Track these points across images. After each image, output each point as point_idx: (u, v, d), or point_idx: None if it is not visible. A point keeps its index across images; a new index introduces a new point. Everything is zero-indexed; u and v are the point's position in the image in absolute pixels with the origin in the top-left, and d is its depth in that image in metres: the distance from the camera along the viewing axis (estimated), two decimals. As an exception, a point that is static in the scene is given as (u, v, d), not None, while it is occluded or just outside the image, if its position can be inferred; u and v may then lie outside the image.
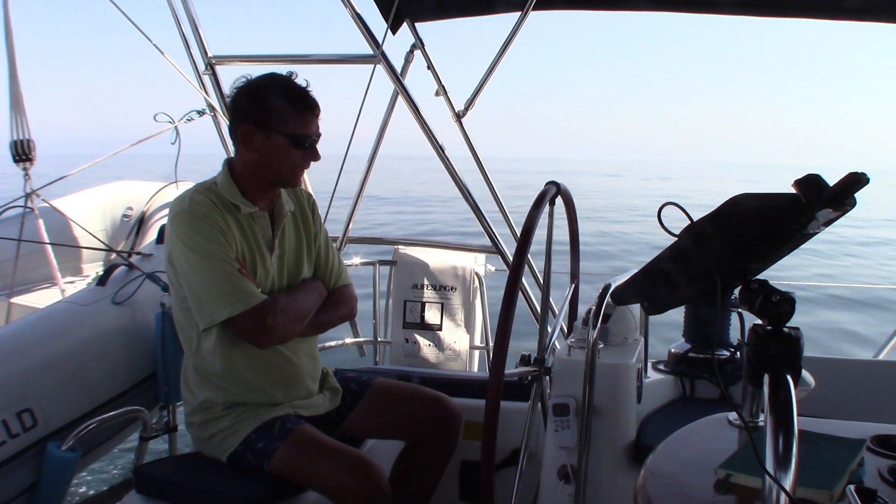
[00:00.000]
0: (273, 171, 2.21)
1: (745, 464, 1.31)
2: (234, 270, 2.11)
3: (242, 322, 2.10)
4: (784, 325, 1.22)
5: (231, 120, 2.24)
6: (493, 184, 3.79)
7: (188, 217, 2.13)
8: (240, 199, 2.21)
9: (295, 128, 2.17)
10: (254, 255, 2.22)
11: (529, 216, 1.90)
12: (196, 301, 2.13)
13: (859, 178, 1.11)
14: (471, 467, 2.88)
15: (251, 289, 2.12)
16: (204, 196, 2.17)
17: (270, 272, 2.26)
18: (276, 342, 2.20)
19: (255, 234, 2.24)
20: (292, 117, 2.16)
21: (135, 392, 2.54)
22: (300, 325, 2.26)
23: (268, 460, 2.13)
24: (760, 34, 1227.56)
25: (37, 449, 2.18)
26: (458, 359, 3.67)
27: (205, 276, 2.10)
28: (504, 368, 1.74)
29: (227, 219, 2.17)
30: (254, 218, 2.25)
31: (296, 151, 2.19)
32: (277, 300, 2.19)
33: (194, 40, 3.75)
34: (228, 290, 2.09)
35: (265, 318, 2.12)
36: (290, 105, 2.16)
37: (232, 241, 2.15)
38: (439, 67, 3.72)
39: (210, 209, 2.14)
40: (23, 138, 4.12)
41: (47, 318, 2.55)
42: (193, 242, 2.11)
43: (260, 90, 2.19)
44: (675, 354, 2.63)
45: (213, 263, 2.10)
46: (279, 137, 2.16)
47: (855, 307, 9.65)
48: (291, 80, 2.21)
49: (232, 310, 2.08)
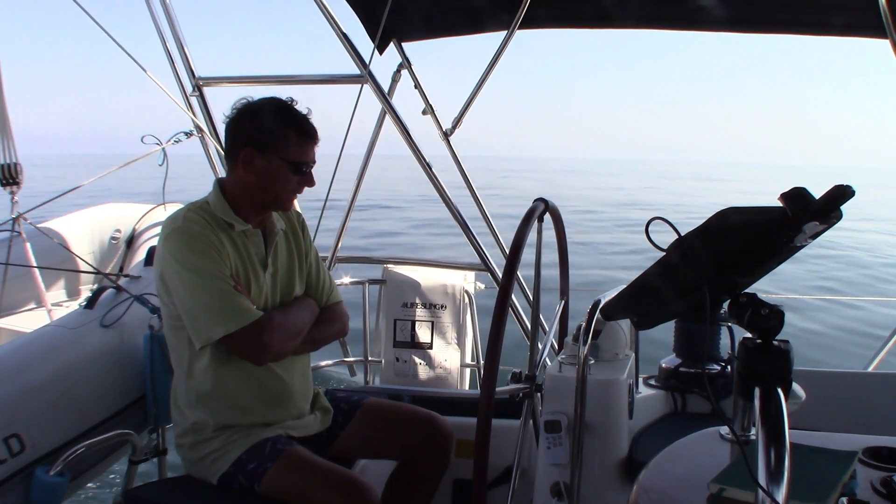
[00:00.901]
0: (269, 194, 2.23)
1: (738, 478, 1.31)
2: (229, 288, 2.10)
3: (239, 339, 2.10)
4: (773, 338, 1.22)
5: (231, 142, 2.24)
6: (482, 201, 3.80)
7: (182, 235, 2.13)
8: (233, 217, 2.21)
9: (296, 154, 2.19)
10: (248, 273, 2.22)
11: (518, 233, 1.91)
12: (191, 319, 2.12)
13: (845, 191, 1.12)
14: (463, 486, 2.87)
15: (247, 305, 2.12)
16: (197, 214, 2.17)
17: (264, 289, 2.26)
18: (272, 359, 2.20)
19: (248, 251, 2.24)
20: (294, 144, 2.19)
21: (123, 415, 2.52)
22: (295, 342, 2.26)
23: (259, 482, 2.11)
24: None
25: (25, 474, 2.15)
26: (449, 377, 3.66)
27: (200, 294, 2.10)
28: (495, 386, 1.74)
29: (221, 236, 2.17)
30: (247, 235, 2.25)
31: (293, 177, 2.21)
32: (273, 317, 2.19)
33: (181, 61, 3.76)
34: (224, 308, 2.08)
35: (261, 335, 2.11)
36: (293, 131, 2.19)
37: (226, 259, 2.15)
38: (426, 86, 3.74)
39: (204, 227, 2.14)
40: (10, 162, 4.11)
41: (35, 342, 2.53)
42: (188, 260, 2.10)
43: (264, 114, 2.21)
44: (665, 369, 2.63)
45: (208, 281, 2.09)
46: (279, 162, 2.18)
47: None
48: (293, 107, 2.24)
49: (228, 327, 2.07)
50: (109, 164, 4.30)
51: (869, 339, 7.59)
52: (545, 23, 3.58)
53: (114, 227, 4.86)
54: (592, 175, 69.09)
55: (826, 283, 12.80)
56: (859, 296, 11.63)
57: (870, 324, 8.68)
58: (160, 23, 3.72)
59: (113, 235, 4.84)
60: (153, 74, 3.76)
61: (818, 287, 11.85)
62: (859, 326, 9.01)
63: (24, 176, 4.13)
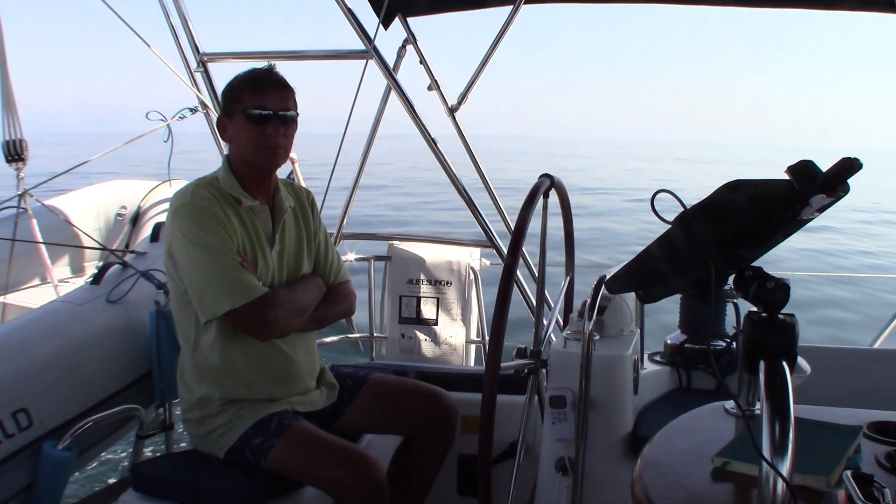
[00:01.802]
0: (246, 155, 2.22)
1: (742, 451, 1.31)
2: (235, 263, 2.11)
3: (243, 315, 2.10)
4: (779, 311, 1.22)
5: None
6: (487, 178, 3.79)
7: (190, 210, 2.14)
8: (241, 192, 2.22)
9: (251, 103, 2.16)
10: (254, 249, 2.22)
11: (523, 209, 1.90)
12: (197, 294, 2.13)
13: (852, 163, 1.11)
14: (468, 461, 2.88)
15: (253, 282, 2.13)
16: (205, 190, 2.18)
17: (271, 266, 2.26)
18: (276, 336, 2.21)
19: (255, 228, 2.24)
20: (248, 94, 2.17)
21: (130, 391, 2.54)
22: (300, 320, 2.26)
23: (265, 457, 2.13)
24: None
25: (33, 449, 2.17)
26: (454, 353, 3.67)
27: (206, 270, 2.11)
28: (500, 362, 1.74)
29: (229, 212, 2.17)
30: (255, 212, 2.25)
31: (253, 127, 2.17)
32: (278, 294, 2.20)
33: (186, 38, 3.74)
34: (230, 283, 2.09)
35: (266, 311, 2.12)
36: (247, 85, 2.19)
37: (233, 235, 2.16)
38: (431, 62, 3.72)
39: (211, 203, 2.15)
40: (15, 138, 4.10)
41: (42, 318, 2.54)
42: (195, 235, 2.11)
43: (229, 83, 2.24)
44: (671, 346, 2.63)
45: (214, 256, 2.10)
46: (239, 118, 2.18)
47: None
48: (257, 67, 2.24)
49: (233, 302, 2.08)
50: (116, 142, 4.29)
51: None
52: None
53: (119, 204, 4.86)
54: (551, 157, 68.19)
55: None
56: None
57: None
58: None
59: (119, 212, 4.85)
60: (158, 51, 3.75)
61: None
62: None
63: (29, 152, 4.13)
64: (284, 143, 2.23)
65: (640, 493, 1.30)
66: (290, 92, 2.23)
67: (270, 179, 2.31)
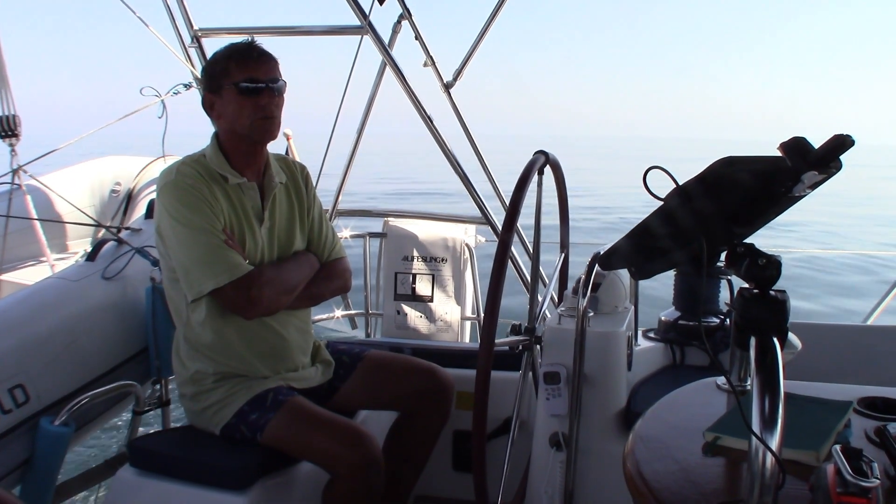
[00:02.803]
0: (239, 129, 2.19)
1: (733, 427, 1.32)
2: (220, 242, 2.11)
3: (228, 293, 2.11)
4: (771, 288, 1.23)
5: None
6: (483, 155, 3.78)
7: (174, 189, 2.13)
8: (228, 169, 2.21)
9: (239, 76, 2.15)
10: (242, 227, 2.22)
11: (518, 186, 1.90)
12: (184, 273, 2.13)
13: (844, 140, 1.12)
14: (463, 437, 2.90)
15: (237, 260, 2.13)
16: (190, 167, 2.17)
17: (260, 243, 2.26)
18: (262, 313, 2.21)
19: (243, 205, 2.23)
20: (234, 67, 2.15)
21: (127, 367, 2.54)
22: (288, 297, 2.26)
23: (261, 432, 2.14)
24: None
25: (30, 424, 2.18)
26: (449, 330, 3.68)
27: (191, 248, 2.11)
28: (494, 338, 1.75)
29: (215, 190, 2.17)
30: (242, 189, 2.24)
31: (247, 100, 2.15)
32: (263, 272, 2.19)
33: (179, 13, 3.72)
34: (214, 262, 2.09)
35: (250, 289, 2.12)
36: (232, 59, 2.17)
37: (219, 213, 2.15)
38: (427, 38, 3.70)
39: (196, 180, 2.14)
40: (8, 114, 4.08)
41: (37, 294, 2.54)
42: (180, 214, 2.11)
43: (211, 59, 2.23)
44: (665, 322, 2.64)
45: (199, 235, 2.10)
46: (228, 92, 2.16)
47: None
48: (237, 42, 2.22)
49: (217, 281, 2.08)
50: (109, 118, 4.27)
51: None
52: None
53: (114, 180, 4.84)
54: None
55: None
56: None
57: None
58: None
59: (113, 188, 4.84)
60: (152, 26, 3.72)
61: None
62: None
63: (22, 128, 4.11)
64: (278, 113, 2.22)
65: (631, 468, 1.32)
66: (276, 62, 2.21)
67: (261, 155, 2.28)
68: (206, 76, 2.22)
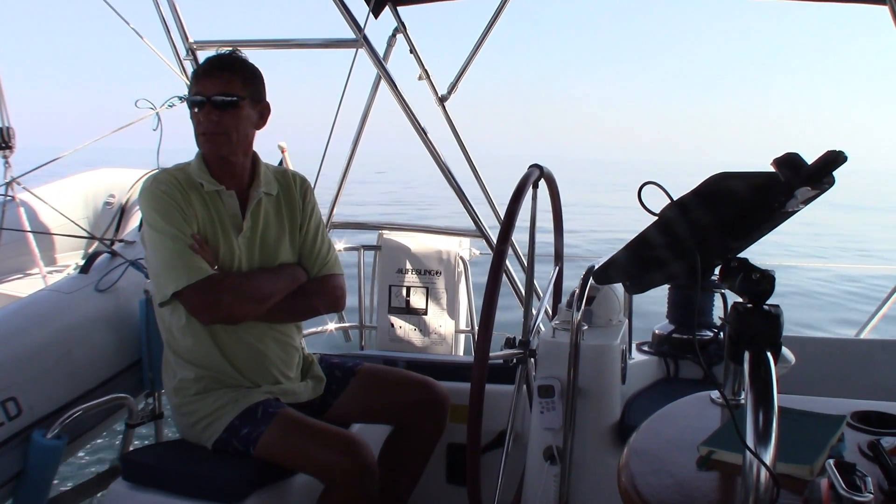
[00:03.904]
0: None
1: (727, 441, 1.32)
2: (185, 247, 2.12)
3: (187, 296, 2.11)
4: (764, 302, 1.23)
5: None
6: (477, 167, 3.79)
7: (149, 195, 2.17)
8: (206, 178, 2.23)
9: (192, 89, 2.18)
10: (217, 234, 2.22)
11: (513, 199, 1.91)
12: (154, 277, 2.18)
13: (837, 156, 1.12)
14: (457, 450, 2.89)
15: (199, 264, 2.12)
16: (168, 175, 2.21)
17: (236, 252, 2.24)
18: (222, 320, 2.19)
19: (220, 212, 2.24)
20: (194, 82, 2.19)
21: (120, 379, 2.53)
22: (255, 307, 2.21)
23: (254, 445, 2.13)
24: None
25: (22, 437, 2.17)
26: (443, 343, 3.68)
27: (160, 252, 2.13)
28: (489, 351, 1.75)
29: (191, 196, 2.19)
30: (220, 196, 2.25)
31: (193, 115, 2.19)
32: (227, 278, 2.19)
33: (175, 25, 3.73)
34: (178, 265, 2.11)
35: (208, 294, 2.12)
36: (196, 74, 2.20)
37: (192, 219, 2.17)
38: (422, 52, 3.72)
39: (170, 187, 2.17)
40: (2, 126, 4.08)
41: (30, 307, 2.53)
42: (152, 219, 2.15)
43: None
44: (658, 335, 2.65)
45: (166, 240, 2.12)
46: (189, 105, 2.21)
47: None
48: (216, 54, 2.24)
49: (178, 284, 2.09)
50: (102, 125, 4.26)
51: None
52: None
53: (108, 192, 4.83)
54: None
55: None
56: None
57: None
58: None
59: (107, 200, 4.82)
60: (148, 39, 3.73)
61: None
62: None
63: (16, 140, 4.11)
64: (221, 129, 2.17)
65: (626, 481, 1.32)
66: (231, 75, 2.17)
67: (237, 165, 2.27)
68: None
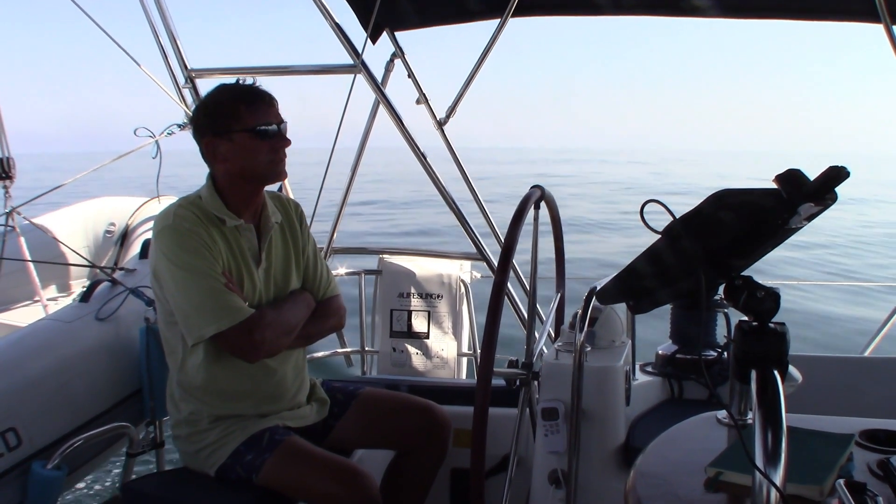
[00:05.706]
0: (250, 172, 2.18)
1: (735, 461, 1.31)
2: (220, 286, 2.09)
3: (230, 337, 2.08)
4: (770, 320, 1.22)
5: (197, 141, 2.22)
6: (477, 191, 3.79)
7: (172, 233, 2.10)
8: (225, 212, 2.19)
9: (253, 120, 2.14)
10: (240, 269, 2.20)
11: (513, 221, 1.90)
12: (183, 317, 2.11)
13: (839, 172, 1.12)
14: (461, 475, 2.87)
15: (238, 304, 2.11)
16: (188, 210, 2.14)
17: (258, 285, 2.24)
18: (264, 356, 2.18)
19: (241, 247, 2.22)
20: (245, 112, 2.14)
21: (120, 408, 2.52)
22: (288, 339, 2.24)
23: (257, 473, 2.11)
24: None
25: (22, 468, 2.15)
26: (445, 366, 3.66)
27: (191, 292, 2.08)
28: (492, 374, 1.73)
29: (213, 233, 2.15)
30: (239, 231, 2.22)
31: (262, 143, 2.15)
32: (265, 314, 2.17)
33: (173, 53, 3.74)
34: (215, 306, 2.07)
35: (253, 333, 2.10)
36: (241, 102, 2.15)
37: (218, 256, 2.13)
38: (420, 75, 3.73)
39: (194, 224, 2.12)
40: (2, 156, 4.09)
41: (30, 336, 2.52)
42: (178, 258, 2.08)
43: (210, 101, 2.20)
44: (662, 356, 2.63)
45: (199, 279, 2.08)
46: (241, 136, 2.14)
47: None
48: (237, 83, 2.21)
49: (219, 325, 2.06)
50: (104, 160, 4.28)
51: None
52: (537, 11, 3.58)
53: (108, 221, 4.84)
54: (582, 163, 68.83)
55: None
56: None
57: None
58: (152, 15, 3.70)
59: (107, 229, 4.83)
60: (146, 67, 3.74)
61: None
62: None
63: (16, 170, 4.12)
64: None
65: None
66: (276, 103, 2.22)
67: (260, 196, 2.28)
68: (210, 119, 2.17)
